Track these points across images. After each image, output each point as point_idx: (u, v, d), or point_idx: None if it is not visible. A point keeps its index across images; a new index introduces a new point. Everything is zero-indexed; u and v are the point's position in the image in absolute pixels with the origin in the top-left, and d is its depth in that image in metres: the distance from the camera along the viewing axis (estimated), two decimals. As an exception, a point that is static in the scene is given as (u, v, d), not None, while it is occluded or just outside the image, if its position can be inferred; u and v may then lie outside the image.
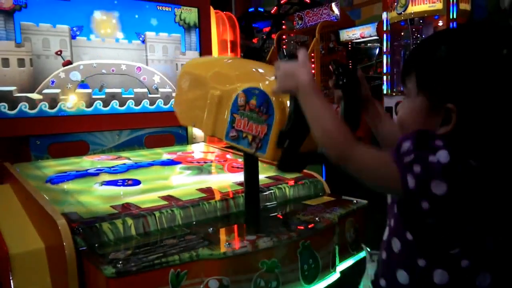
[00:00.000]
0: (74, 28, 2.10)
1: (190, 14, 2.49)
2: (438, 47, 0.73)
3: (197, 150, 2.38)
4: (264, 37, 6.02)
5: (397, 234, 0.76)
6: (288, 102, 1.07)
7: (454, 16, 5.51)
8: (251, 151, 1.20)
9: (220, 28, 3.17)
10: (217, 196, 1.54)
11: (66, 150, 2.10)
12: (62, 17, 2.06)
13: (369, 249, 1.00)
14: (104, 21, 2.20)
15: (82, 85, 2.12)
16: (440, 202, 0.64)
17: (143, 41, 2.34)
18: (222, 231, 1.36)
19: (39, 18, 2.00)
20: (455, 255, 0.68)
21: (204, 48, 2.52)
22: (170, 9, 2.42)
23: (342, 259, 1.53)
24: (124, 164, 1.90)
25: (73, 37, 2.11)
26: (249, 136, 1.19)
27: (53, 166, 1.89)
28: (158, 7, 2.38)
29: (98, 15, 2.18)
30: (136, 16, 2.31)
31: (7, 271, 1.31)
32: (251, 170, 1.39)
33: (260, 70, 1.34)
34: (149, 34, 2.36)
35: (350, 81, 1.00)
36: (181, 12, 2.46)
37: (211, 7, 2.64)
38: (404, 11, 5.96)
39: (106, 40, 2.21)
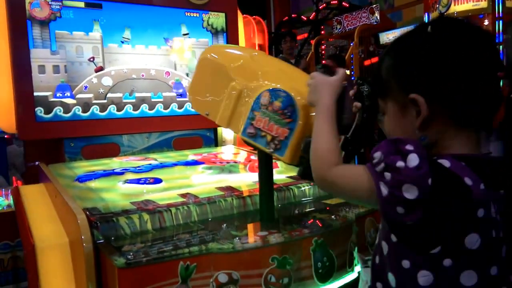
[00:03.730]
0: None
1: (218, 19, 2.54)
2: (382, 58, 0.82)
3: (224, 152, 2.41)
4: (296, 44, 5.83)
5: (385, 237, 0.76)
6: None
7: (500, 15, 5.26)
8: (268, 150, 1.22)
9: (251, 33, 3.22)
10: (235, 194, 1.55)
11: (98, 152, 2.19)
12: (95, 24, 2.17)
13: (362, 255, 1.01)
14: (135, 28, 2.29)
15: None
16: (414, 206, 0.64)
17: (171, 47, 2.41)
18: (236, 227, 1.37)
19: (72, 27, 2.11)
20: (436, 254, 0.67)
21: (232, 52, 2.55)
22: (197, 15, 2.48)
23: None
24: (150, 164, 1.96)
25: (104, 44, 2.21)
26: (268, 136, 1.20)
27: (84, 167, 1.98)
28: (186, 13, 2.45)
29: (129, 22, 2.27)
30: (165, 23, 2.38)
31: (35, 264, 1.38)
32: (266, 168, 1.40)
33: (289, 73, 1.35)
34: (178, 40, 2.43)
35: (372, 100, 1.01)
36: (209, 17, 2.52)
37: (239, 12, 2.68)
38: (446, 11, 5.77)
39: (136, 47, 2.30)
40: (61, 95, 2.09)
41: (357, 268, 1.46)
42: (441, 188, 0.65)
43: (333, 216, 1.43)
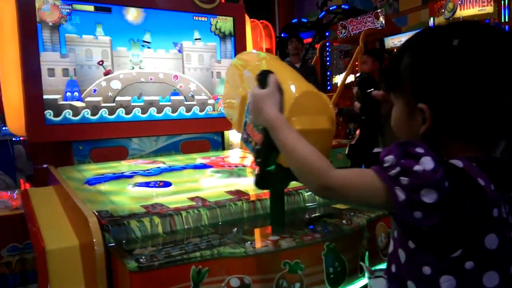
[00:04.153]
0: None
1: (226, 23, 2.55)
2: (403, 51, 0.79)
3: (232, 155, 2.41)
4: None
5: (401, 244, 0.75)
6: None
7: (506, 19, 5.25)
8: (254, 156, 1.21)
9: (258, 37, 3.22)
10: (244, 198, 1.55)
11: (107, 155, 2.20)
12: (104, 28, 2.18)
13: (368, 265, 1.00)
14: (143, 32, 2.30)
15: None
16: (433, 210, 0.64)
17: (180, 50, 2.42)
18: (247, 232, 1.36)
19: (82, 30, 2.13)
20: (457, 258, 0.67)
21: (239, 56, 2.55)
22: (206, 19, 2.49)
23: (373, 264, 1.49)
24: (158, 167, 1.96)
25: (113, 47, 2.22)
26: (253, 142, 1.20)
27: (93, 170, 1.98)
28: (194, 17, 2.46)
29: (137, 26, 2.28)
30: (173, 27, 2.39)
31: (45, 266, 1.38)
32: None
33: (281, 77, 1.34)
34: (186, 44, 2.44)
35: (370, 97, 1.00)
36: (217, 21, 2.52)
37: (247, 16, 2.68)
38: (452, 15, 5.76)
39: (144, 50, 2.31)
40: (70, 94, 2.10)
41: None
42: (458, 189, 0.65)
43: (344, 221, 1.43)
